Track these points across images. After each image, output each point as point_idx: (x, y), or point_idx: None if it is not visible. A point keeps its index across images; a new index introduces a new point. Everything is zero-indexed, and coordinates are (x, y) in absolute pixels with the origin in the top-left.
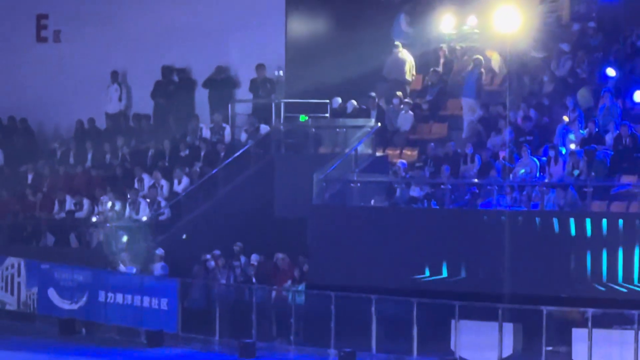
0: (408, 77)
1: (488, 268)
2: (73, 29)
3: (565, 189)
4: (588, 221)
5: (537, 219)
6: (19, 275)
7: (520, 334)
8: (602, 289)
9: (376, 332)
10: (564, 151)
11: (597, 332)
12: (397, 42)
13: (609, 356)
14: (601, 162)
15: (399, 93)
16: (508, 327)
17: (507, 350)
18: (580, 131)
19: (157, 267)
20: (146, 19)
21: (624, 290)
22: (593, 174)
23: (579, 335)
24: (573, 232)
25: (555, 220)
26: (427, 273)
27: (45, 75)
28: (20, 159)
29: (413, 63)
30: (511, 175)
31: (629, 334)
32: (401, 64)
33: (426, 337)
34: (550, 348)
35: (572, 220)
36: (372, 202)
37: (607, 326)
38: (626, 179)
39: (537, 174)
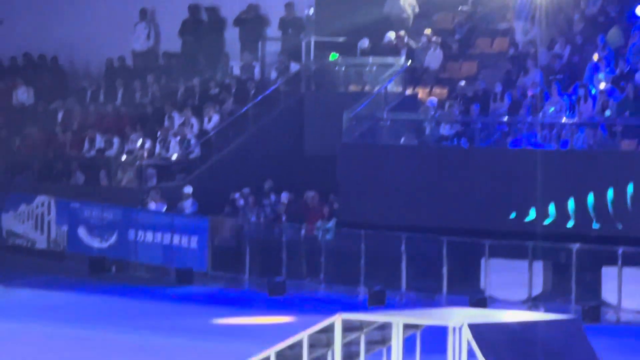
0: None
1: (518, 206)
2: None
3: (594, 127)
4: (617, 160)
5: (567, 158)
6: (48, 213)
7: (550, 272)
8: (632, 227)
9: (406, 271)
10: (593, 90)
11: (627, 270)
12: None
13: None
14: (631, 100)
15: (427, 31)
16: (538, 265)
17: (537, 289)
18: (603, 74)
19: (187, 205)
20: None
21: None
22: (627, 113)
23: (608, 273)
24: (602, 170)
25: (584, 159)
26: (458, 211)
27: (75, 14)
28: (50, 97)
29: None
30: (541, 114)
31: None
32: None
33: (456, 275)
34: None
35: (601, 158)
36: (402, 140)
37: (638, 264)
38: None
39: (567, 113)
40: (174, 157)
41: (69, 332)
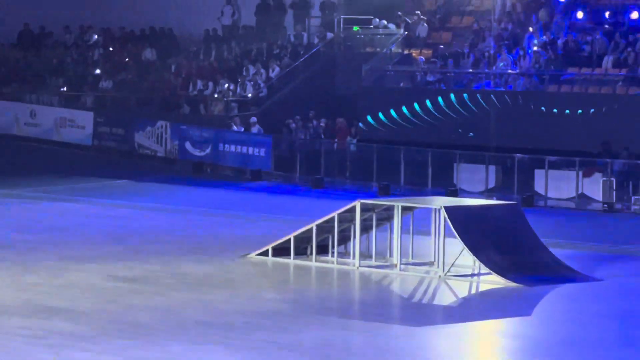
0: None
1: (479, 128)
2: None
3: (530, 76)
4: (545, 97)
5: (512, 97)
6: (166, 132)
7: (500, 173)
8: (557, 142)
9: (404, 172)
10: (530, 51)
11: (551, 172)
12: None
13: (560, 190)
14: (554, 59)
15: (418, 12)
16: (492, 168)
17: (491, 184)
18: (536, 40)
19: (254, 130)
20: None
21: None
22: (553, 67)
23: (539, 173)
24: (535, 105)
25: (523, 97)
26: (438, 131)
27: (192, 10)
28: (167, 55)
29: None
30: (494, 67)
31: (572, 174)
32: None
33: (437, 175)
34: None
35: (534, 96)
36: (401, 84)
37: (559, 168)
38: (571, 70)
39: (511, 66)
40: (249, 95)
41: (179, 212)
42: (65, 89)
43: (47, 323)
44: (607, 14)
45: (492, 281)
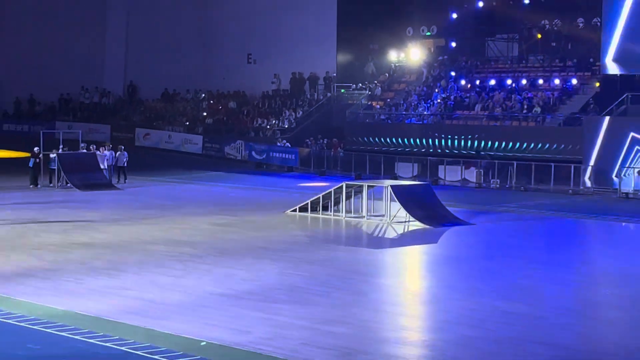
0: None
1: (409, 143)
2: (263, 57)
3: (436, 115)
4: (446, 127)
5: (426, 127)
6: (241, 146)
7: (420, 167)
8: (452, 150)
9: (369, 166)
10: (435, 102)
11: (448, 167)
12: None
13: (452, 176)
14: (450, 106)
15: (377, 81)
16: (415, 164)
17: (415, 173)
18: (439, 96)
19: (287, 145)
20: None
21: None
22: (448, 111)
23: (441, 168)
24: (438, 132)
25: (433, 127)
26: (388, 144)
27: (255, 80)
28: (242, 105)
29: (374, 69)
30: (417, 111)
31: (458, 167)
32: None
33: (386, 168)
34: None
35: (438, 126)
36: (367, 120)
37: (451, 164)
38: (458, 112)
39: (426, 110)
40: (286, 126)
41: (249, 189)
42: (187, 123)
43: (178, 248)
44: (477, 82)
45: (416, 225)
